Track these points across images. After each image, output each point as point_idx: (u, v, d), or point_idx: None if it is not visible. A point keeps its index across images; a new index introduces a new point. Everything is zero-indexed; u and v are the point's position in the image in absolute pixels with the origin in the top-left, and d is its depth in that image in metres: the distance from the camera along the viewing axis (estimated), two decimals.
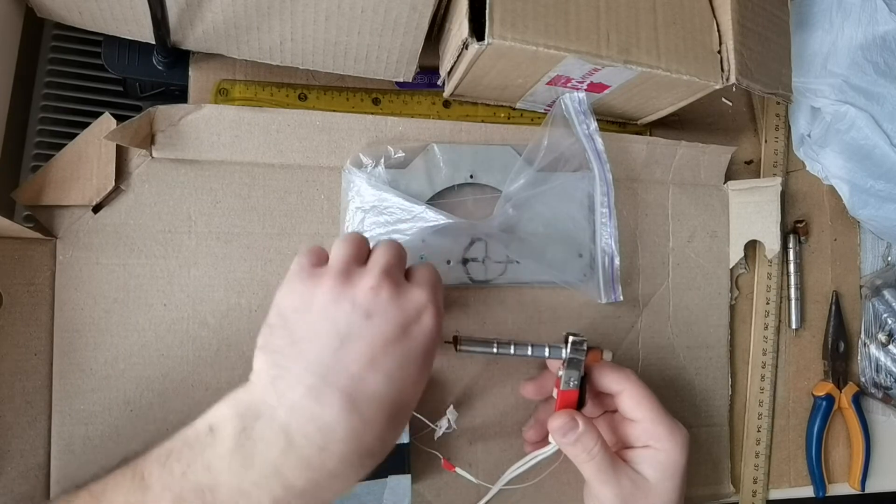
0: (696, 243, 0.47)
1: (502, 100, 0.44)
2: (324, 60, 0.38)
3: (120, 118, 0.35)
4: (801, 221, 0.51)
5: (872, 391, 0.52)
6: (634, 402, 0.36)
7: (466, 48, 0.34)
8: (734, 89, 0.39)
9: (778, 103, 0.51)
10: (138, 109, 0.40)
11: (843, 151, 0.47)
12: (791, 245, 0.50)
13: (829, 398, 0.50)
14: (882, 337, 0.52)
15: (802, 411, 0.50)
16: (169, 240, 0.37)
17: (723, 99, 0.51)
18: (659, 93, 0.40)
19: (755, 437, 0.48)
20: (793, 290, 0.50)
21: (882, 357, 0.52)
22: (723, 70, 0.38)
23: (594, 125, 0.41)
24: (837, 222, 0.52)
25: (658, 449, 0.36)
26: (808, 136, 0.50)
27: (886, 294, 0.52)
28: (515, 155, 0.41)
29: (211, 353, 0.37)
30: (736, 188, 0.47)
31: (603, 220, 0.42)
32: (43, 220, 0.35)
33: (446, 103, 0.44)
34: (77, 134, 0.35)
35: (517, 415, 0.41)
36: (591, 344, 0.36)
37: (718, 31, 0.38)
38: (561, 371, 0.35)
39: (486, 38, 0.32)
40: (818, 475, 0.49)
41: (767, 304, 0.49)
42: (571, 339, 0.35)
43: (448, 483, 0.40)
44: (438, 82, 0.42)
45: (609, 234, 0.42)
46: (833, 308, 0.51)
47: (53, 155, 0.35)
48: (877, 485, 0.52)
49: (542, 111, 0.45)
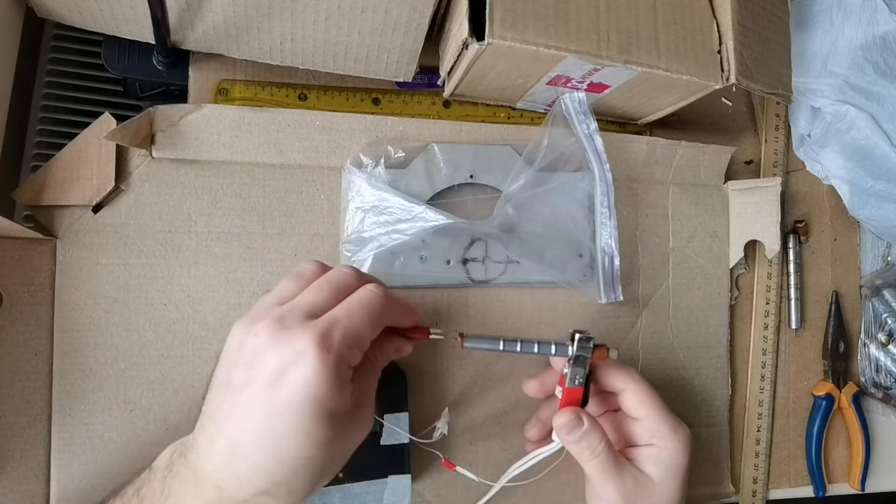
0: (696, 243, 0.47)
1: (502, 100, 0.44)
2: (324, 60, 0.38)
3: (120, 118, 0.35)
4: (801, 221, 0.51)
5: (872, 391, 0.52)
6: (637, 400, 0.36)
7: (466, 48, 0.34)
8: (734, 89, 0.39)
9: (778, 103, 0.51)
10: (138, 109, 0.40)
11: (843, 151, 0.47)
12: (791, 245, 0.50)
13: (829, 398, 0.50)
14: (882, 337, 0.52)
15: (802, 411, 0.50)
16: (169, 240, 0.37)
17: (723, 99, 0.51)
18: (659, 93, 0.40)
19: (755, 437, 0.48)
20: (793, 290, 0.50)
21: (882, 357, 0.52)
22: (723, 70, 0.38)
23: (594, 125, 0.41)
24: (837, 222, 0.52)
25: (661, 447, 0.36)
26: (808, 136, 0.50)
27: (886, 294, 0.52)
28: (515, 155, 0.41)
29: (211, 354, 0.37)
30: (736, 188, 0.47)
31: (603, 220, 0.42)
32: (43, 220, 0.35)
33: (446, 103, 0.44)
34: (77, 134, 0.35)
35: (517, 414, 0.41)
36: (597, 342, 0.35)
37: (718, 31, 0.38)
38: (566, 368, 0.35)
39: (486, 38, 0.32)
40: (818, 475, 0.49)
41: (767, 304, 0.49)
42: (578, 335, 0.35)
43: (448, 482, 0.40)
44: (438, 82, 0.42)
45: (609, 234, 0.42)
46: (833, 308, 0.51)
47: (53, 155, 0.35)
48: (877, 485, 0.52)
49: (542, 111, 0.45)
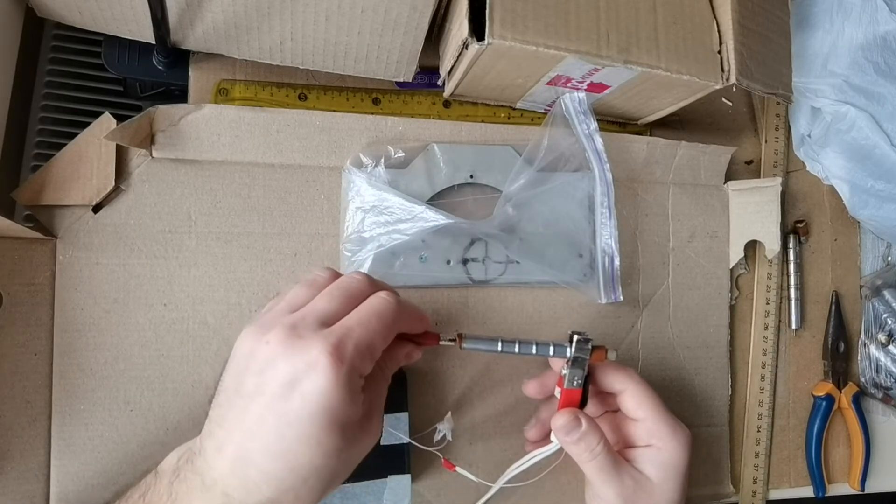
0: (696, 243, 0.47)
1: (502, 100, 0.44)
2: (324, 60, 0.38)
3: (120, 118, 0.35)
4: (801, 221, 0.51)
5: (872, 391, 0.52)
6: (637, 401, 0.36)
7: (466, 48, 0.34)
8: (734, 89, 0.39)
9: (778, 103, 0.51)
10: (138, 109, 0.40)
11: (843, 151, 0.47)
12: (791, 245, 0.50)
13: (829, 398, 0.50)
14: (882, 337, 0.52)
15: (802, 411, 0.50)
16: (169, 240, 0.37)
17: (723, 99, 0.51)
18: (659, 93, 0.40)
19: (755, 437, 0.48)
20: (793, 291, 0.50)
21: (882, 357, 0.52)
22: (723, 70, 0.38)
23: (594, 125, 0.41)
24: (837, 222, 0.52)
25: (660, 448, 0.36)
26: (809, 136, 0.50)
27: (886, 294, 0.52)
28: (515, 155, 0.41)
29: (211, 353, 0.37)
30: (736, 188, 0.47)
31: (603, 220, 0.42)
32: (43, 220, 0.35)
33: (446, 103, 0.44)
34: (77, 134, 0.35)
35: (517, 415, 0.41)
36: (596, 343, 0.35)
37: (718, 31, 0.38)
38: (565, 369, 0.35)
39: (486, 38, 0.32)
40: (818, 475, 0.49)
41: (767, 304, 0.49)
42: (576, 337, 0.35)
43: (448, 482, 0.40)
44: (438, 82, 0.42)
45: (609, 234, 0.42)
46: (833, 308, 0.51)
47: (53, 155, 0.35)
48: (877, 485, 0.52)
49: (542, 111, 0.45)
